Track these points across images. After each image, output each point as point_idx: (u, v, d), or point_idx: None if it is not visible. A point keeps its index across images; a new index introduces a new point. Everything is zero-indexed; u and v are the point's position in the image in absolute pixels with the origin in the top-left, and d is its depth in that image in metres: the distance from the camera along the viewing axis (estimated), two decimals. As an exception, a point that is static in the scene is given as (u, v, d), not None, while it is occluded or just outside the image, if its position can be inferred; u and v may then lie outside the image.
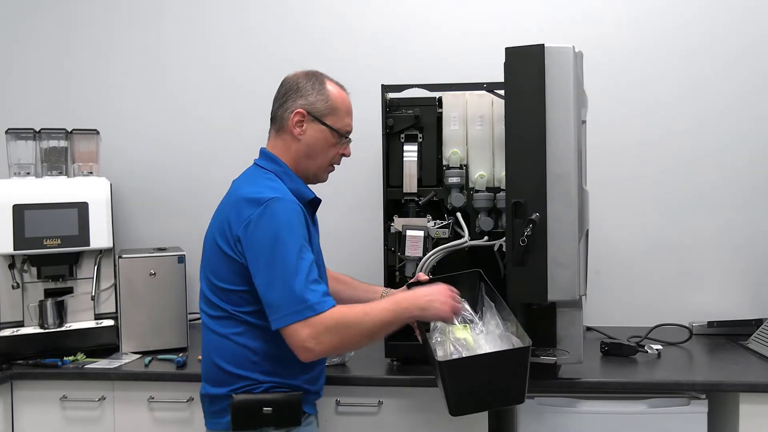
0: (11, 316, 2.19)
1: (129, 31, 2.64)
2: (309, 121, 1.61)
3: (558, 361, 1.79)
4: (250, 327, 1.54)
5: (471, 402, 1.53)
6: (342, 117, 1.64)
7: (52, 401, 2.02)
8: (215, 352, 1.57)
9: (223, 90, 2.62)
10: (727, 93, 2.43)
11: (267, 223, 1.47)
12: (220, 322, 1.56)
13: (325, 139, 1.63)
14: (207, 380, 1.61)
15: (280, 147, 1.64)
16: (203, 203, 2.61)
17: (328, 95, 1.62)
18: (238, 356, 1.55)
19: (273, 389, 1.55)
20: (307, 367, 1.59)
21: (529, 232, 1.68)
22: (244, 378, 1.55)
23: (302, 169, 1.65)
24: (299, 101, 1.61)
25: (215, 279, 1.56)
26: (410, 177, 2.00)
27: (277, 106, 1.66)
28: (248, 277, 1.50)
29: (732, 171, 2.44)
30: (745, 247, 2.44)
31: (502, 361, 1.51)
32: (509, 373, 1.51)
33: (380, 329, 1.52)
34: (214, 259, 1.57)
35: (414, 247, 1.95)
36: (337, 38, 2.56)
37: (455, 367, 1.49)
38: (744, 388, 1.81)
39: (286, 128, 1.63)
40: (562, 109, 1.69)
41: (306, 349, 1.44)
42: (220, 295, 1.56)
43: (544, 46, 1.69)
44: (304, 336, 1.43)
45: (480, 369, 1.49)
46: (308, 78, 1.64)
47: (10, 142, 2.27)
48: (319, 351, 1.45)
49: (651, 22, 2.45)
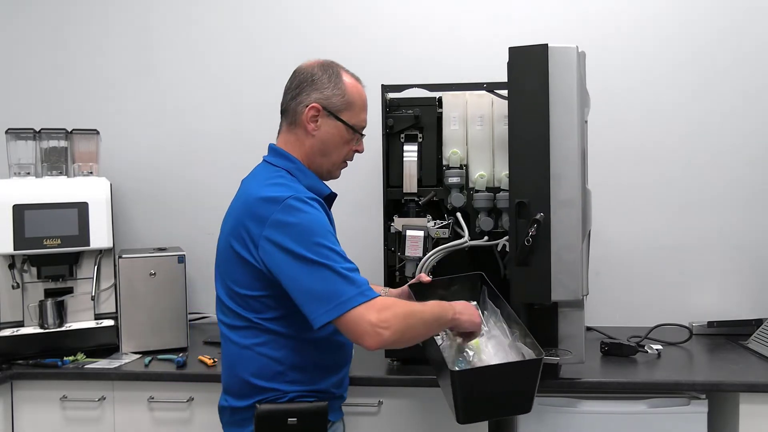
0: (11, 316, 2.19)
1: (129, 31, 2.64)
2: (324, 116, 1.52)
3: (560, 361, 1.79)
4: (273, 336, 1.47)
5: (480, 410, 1.52)
6: (358, 112, 1.56)
7: (52, 401, 2.02)
8: (238, 365, 1.50)
9: (224, 90, 2.62)
10: (728, 94, 2.43)
11: (292, 219, 1.38)
12: (241, 332, 1.49)
13: (340, 136, 1.55)
14: (229, 393, 1.54)
15: (293, 142, 1.56)
16: (203, 203, 2.63)
17: (344, 89, 1.54)
18: (262, 368, 1.47)
19: (298, 398, 1.49)
20: (333, 370, 1.55)
21: (534, 232, 1.67)
22: (269, 390, 1.48)
23: (316, 166, 1.57)
24: (314, 95, 1.52)
25: (234, 285, 1.48)
26: (410, 177, 2.00)
27: (289, 98, 1.56)
28: (269, 281, 1.42)
29: (733, 171, 2.44)
30: (745, 248, 2.44)
31: (514, 373, 1.50)
32: (520, 383, 1.50)
33: (434, 322, 1.46)
34: (231, 265, 1.48)
35: (414, 247, 1.95)
36: (337, 38, 2.56)
37: (467, 376, 1.47)
38: (744, 388, 1.81)
39: (299, 123, 1.54)
40: (565, 109, 1.69)
41: (377, 333, 1.32)
42: (240, 302, 1.48)
43: (548, 46, 1.69)
44: (373, 319, 1.32)
45: (492, 379, 1.48)
46: (324, 69, 1.55)
47: (10, 142, 2.27)
48: (388, 336, 1.34)
49: (653, 23, 2.45)
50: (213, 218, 2.60)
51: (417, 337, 1.45)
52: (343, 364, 1.60)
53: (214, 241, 2.57)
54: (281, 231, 1.38)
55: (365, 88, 1.62)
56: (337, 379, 1.57)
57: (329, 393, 1.54)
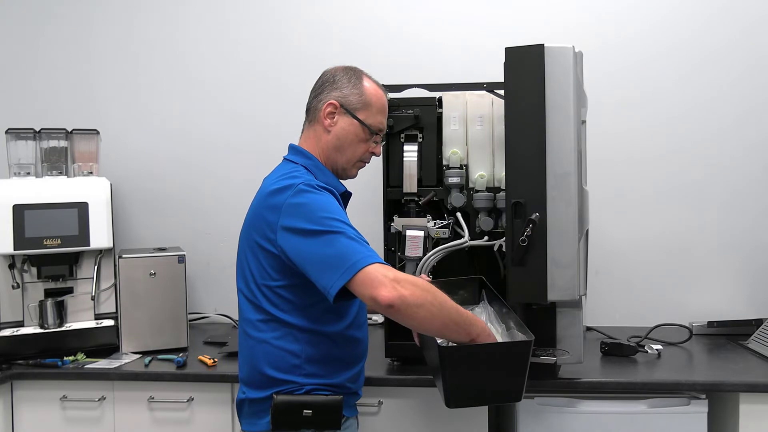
0: (11, 316, 2.19)
1: (129, 31, 2.64)
2: (341, 113, 1.60)
3: (558, 361, 1.79)
4: (290, 329, 1.51)
5: (468, 395, 1.50)
6: (374, 113, 1.63)
7: (52, 401, 2.02)
8: (256, 358, 1.54)
9: (224, 90, 2.62)
10: (729, 95, 2.43)
11: (303, 200, 1.43)
12: (259, 325, 1.53)
13: (355, 133, 1.61)
14: (247, 384, 1.58)
15: (312, 139, 1.63)
16: (203, 203, 2.63)
17: (362, 90, 1.61)
18: (279, 360, 1.51)
19: (314, 391, 1.53)
20: (349, 365, 1.58)
21: (529, 232, 1.67)
22: (286, 382, 1.52)
23: (331, 162, 1.62)
24: (333, 93, 1.61)
25: (253, 276, 1.53)
26: (410, 177, 2.00)
27: (312, 97, 1.65)
28: (287, 270, 1.47)
29: (733, 171, 2.44)
30: (745, 248, 2.44)
31: (503, 353, 1.49)
32: (509, 367, 1.49)
33: (457, 318, 1.41)
34: (251, 256, 1.54)
35: (414, 247, 1.95)
36: (338, 38, 2.56)
37: (456, 354, 1.46)
38: (744, 388, 1.81)
39: (318, 119, 1.62)
40: (562, 109, 1.69)
41: (394, 287, 1.31)
42: (258, 293, 1.53)
43: (544, 46, 1.69)
44: (391, 275, 1.33)
45: (481, 359, 1.47)
46: (346, 72, 1.64)
47: (10, 142, 2.27)
48: (407, 296, 1.32)
49: (656, 24, 2.45)
50: (212, 218, 2.63)
51: (434, 315, 1.38)
52: (358, 360, 1.63)
53: (214, 241, 2.61)
54: (294, 214, 1.43)
55: (387, 96, 1.68)
56: (353, 374, 1.61)
57: (345, 387, 1.58)
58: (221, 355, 2.09)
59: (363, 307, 1.65)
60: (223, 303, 2.58)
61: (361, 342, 1.63)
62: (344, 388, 1.57)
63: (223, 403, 1.98)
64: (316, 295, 1.45)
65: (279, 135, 2.48)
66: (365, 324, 1.67)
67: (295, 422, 1.50)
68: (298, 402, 1.50)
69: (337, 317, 1.55)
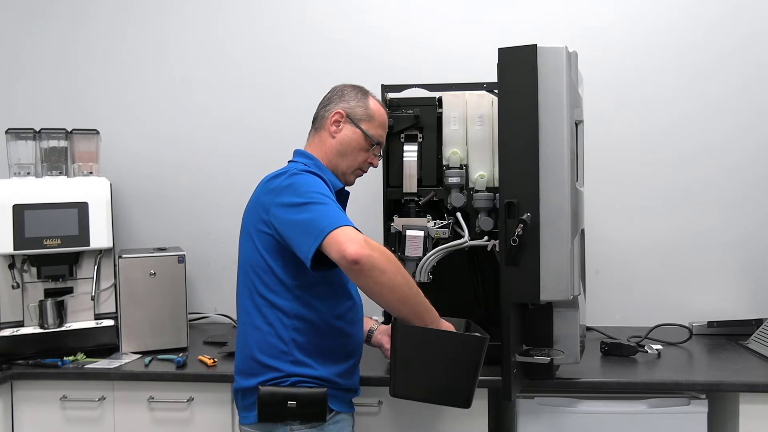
0: (11, 316, 2.19)
1: (129, 31, 2.64)
2: (346, 122, 1.71)
3: (553, 360, 1.79)
4: (280, 314, 1.57)
5: (415, 382, 1.54)
6: (376, 126, 1.74)
7: (52, 401, 2.02)
8: (247, 342, 1.61)
9: (224, 90, 2.62)
10: (724, 89, 2.43)
11: (293, 180, 1.54)
12: (251, 311, 1.60)
13: (358, 141, 1.71)
14: (239, 372, 1.64)
15: (316, 144, 1.74)
16: (203, 203, 2.63)
17: (367, 104, 1.74)
18: (268, 345, 1.57)
19: (300, 383, 1.57)
20: (337, 358, 1.62)
21: (520, 231, 1.67)
22: (273, 369, 1.57)
23: (333, 165, 1.72)
24: (341, 104, 1.73)
25: (248, 259, 1.61)
26: (410, 177, 2.00)
27: (320, 108, 1.77)
28: (279, 249, 1.54)
29: (733, 170, 2.44)
30: (745, 247, 2.44)
31: (455, 344, 1.52)
32: (461, 362, 1.51)
33: (418, 296, 1.51)
34: (249, 244, 1.61)
35: (414, 247, 1.95)
36: (338, 38, 2.56)
37: (410, 331, 1.50)
38: (744, 388, 1.81)
39: (324, 126, 1.73)
40: (554, 109, 1.69)
41: (361, 246, 1.39)
42: (252, 277, 1.60)
43: (537, 46, 1.69)
44: (360, 237, 1.41)
45: (432, 344, 1.50)
46: (354, 88, 1.77)
47: (10, 142, 2.27)
48: (375, 256, 1.40)
49: (648, 19, 2.46)
50: (212, 218, 2.63)
51: (396, 286, 1.46)
52: (349, 355, 1.66)
53: (214, 241, 2.61)
54: (284, 191, 1.54)
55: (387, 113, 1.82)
56: (342, 369, 1.63)
57: (332, 382, 1.60)
58: (221, 355, 2.09)
59: (357, 304, 1.69)
60: (223, 303, 2.58)
61: (352, 337, 1.67)
62: (332, 383, 1.60)
63: (223, 403, 1.98)
64: (305, 275, 1.53)
65: (278, 136, 2.51)
66: (359, 322, 1.71)
67: (280, 414, 1.55)
68: (282, 393, 1.55)
69: (326, 305, 1.59)
